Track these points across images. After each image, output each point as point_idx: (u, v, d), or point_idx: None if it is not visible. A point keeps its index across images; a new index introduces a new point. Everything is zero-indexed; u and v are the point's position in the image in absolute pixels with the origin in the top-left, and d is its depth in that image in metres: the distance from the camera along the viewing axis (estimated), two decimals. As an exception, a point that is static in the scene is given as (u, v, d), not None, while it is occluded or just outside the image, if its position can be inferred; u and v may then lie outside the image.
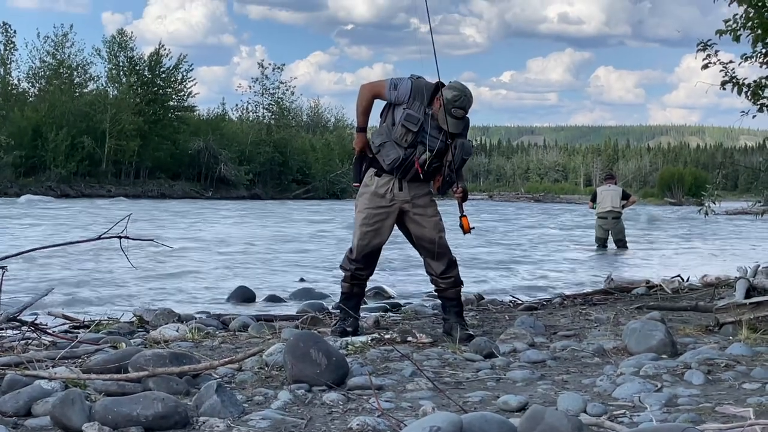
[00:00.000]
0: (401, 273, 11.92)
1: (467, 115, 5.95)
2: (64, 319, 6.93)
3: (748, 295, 6.95)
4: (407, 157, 5.92)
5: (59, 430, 3.58)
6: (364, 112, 6.11)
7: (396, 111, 5.96)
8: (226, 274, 11.96)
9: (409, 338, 5.87)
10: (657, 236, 23.58)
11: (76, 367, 4.76)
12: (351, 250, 6.18)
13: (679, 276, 10.11)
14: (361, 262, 6.10)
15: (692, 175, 69.37)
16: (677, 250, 18.95)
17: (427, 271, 6.24)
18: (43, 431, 3.61)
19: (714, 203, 9.57)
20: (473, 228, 6.16)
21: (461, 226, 6.08)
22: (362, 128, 6.19)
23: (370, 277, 6.37)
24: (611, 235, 17.16)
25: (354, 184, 6.36)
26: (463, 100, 5.84)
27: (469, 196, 6.26)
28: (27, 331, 5.84)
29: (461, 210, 6.08)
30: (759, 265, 8.76)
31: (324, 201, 53.01)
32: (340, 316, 6.30)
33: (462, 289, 6.33)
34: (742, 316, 6.14)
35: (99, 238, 5.74)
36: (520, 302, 8.59)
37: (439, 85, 5.92)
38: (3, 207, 31.46)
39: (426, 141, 5.90)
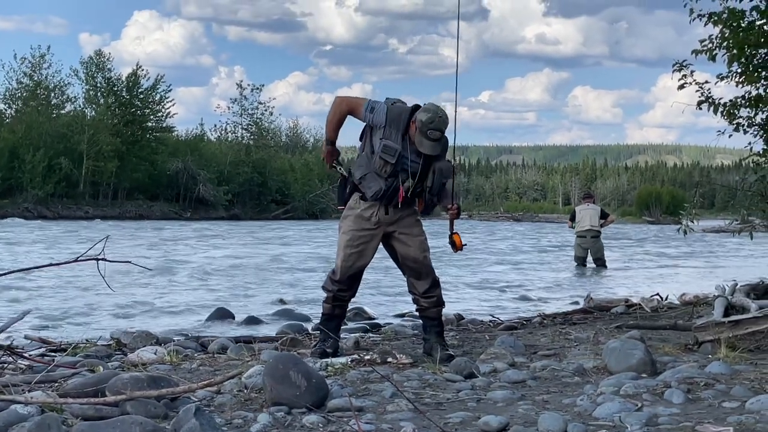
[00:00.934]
0: (383, 294, 11.90)
1: (445, 136, 5.90)
2: (41, 343, 6.86)
3: (726, 314, 6.98)
4: (389, 187, 5.91)
5: (35, 456, 3.54)
6: (337, 126, 6.05)
7: (374, 137, 5.91)
8: (205, 295, 11.90)
9: (389, 359, 5.85)
10: (635, 255, 23.67)
11: (52, 391, 4.71)
12: (334, 271, 6.16)
13: (657, 294, 10.15)
14: (345, 284, 6.08)
15: (670, 193, 69.81)
16: (656, 268, 19.03)
17: (409, 290, 6.22)
18: (19, 457, 3.56)
19: (692, 221, 9.62)
20: (465, 245, 6.17)
21: (453, 243, 6.06)
22: (332, 141, 6.12)
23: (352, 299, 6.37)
24: (590, 254, 17.22)
25: (338, 207, 6.33)
26: (437, 121, 5.76)
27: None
28: (3, 354, 5.78)
29: (452, 227, 6.07)
30: (737, 284, 8.80)
31: (303, 221, 52.94)
32: (321, 337, 6.27)
33: (443, 310, 6.32)
34: (721, 335, 6.16)
35: (76, 260, 5.68)
36: (500, 322, 8.59)
37: (415, 108, 5.89)
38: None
39: (408, 167, 5.88)
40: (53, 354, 6.38)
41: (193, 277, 14.74)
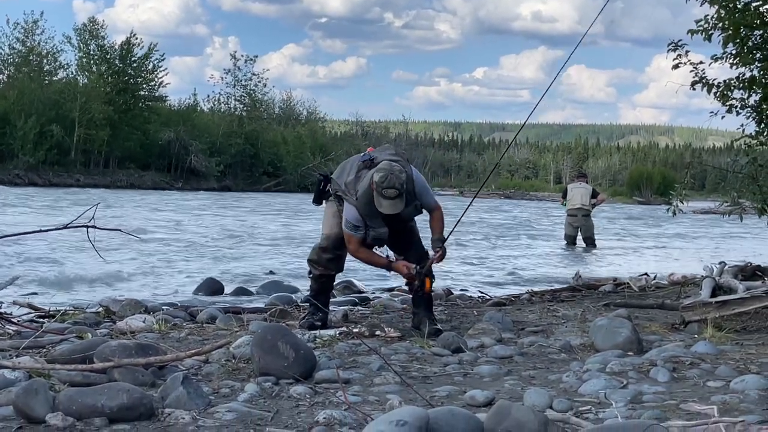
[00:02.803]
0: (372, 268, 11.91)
1: (403, 191, 5.72)
2: (29, 309, 6.86)
3: (713, 294, 7.03)
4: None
5: (22, 420, 3.55)
6: (374, 256, 6.06)
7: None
8: (195, 265, 11.90)
9: (378, 332, 5.87)
10: (625, 234, 23.74)
11: (40, 356, 4.72)
12: (321, 240, 6.18)
13: (646, 274, 10.18)
14: (331, 252, 6.10)
15: (661, 174, 69.87)
16: (644, 248, 19.09)
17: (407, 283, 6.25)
18: (6, 421, 3.57)
19: (682, 202, 9.64)
20: (432, 291, 6.23)
21: (421, 286, 6.02)
22: (389, 262, 6.10)
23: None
24: (580, 232, 17.25)
25: (313, 203, 6.37)
26: (390, 179, 5.65)
27: (440, 192, 6.27)
28: (-9, 320, 5.78)
29: (429, 269, 6.00)
30: (725, 265, 8.86)
31: (295, 194, 52.90)
32: (310, 309, 6.29)
33: (433, 284, 6.34)
34: (708, 315, 6.20)
35: (66, 227, 5.68)
36: (488, 298, 8.62)
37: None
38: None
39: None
40: (41, 320, 6.39)
41: (183, 247, 14.73)
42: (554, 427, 2.66)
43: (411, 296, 6.39)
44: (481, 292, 9.16)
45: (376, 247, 6.03)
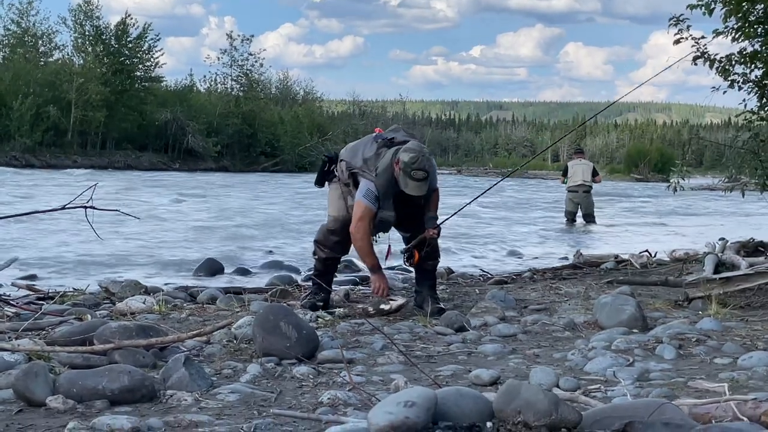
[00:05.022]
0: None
1: (429, 174, 5.72)
2: (28, 291, 6.81)
3: (716, 271, 6.99)
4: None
5: (22, 403, 3.51)
6: (370, 251, 5.97)
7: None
8: (194, 246, 11.85)
9: (383, 306, 5.83)
10: (624, 212, 23.70)
11: (39, 339, 4.67)
12: (328, 222, 6.13)
13: (647, 251, 10.14)
14: (339, 234, 6.04)
15: (658, 151, 69.73)
16: (644, 225, 19.06)
17: (406, 241, 6.19)
18: (6, 404, 3.52)
19: (683, 179, 9.60)
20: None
21: (410, 257, 6.01)
22: (378, 267, 6.04)
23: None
24: (581, 209, 17.19)
25: (315, 185, 6.32)
26: (421, 160, 5.63)
27: (438, 171, 6.20)
28: (-10, 302, 5.74)
29: (420, 244, 5.98)
30: (727, 241, 8.81)
31: (293, 174, 52.81)
32: (312, 289, 6.25)
33: (438, 264, 6.32)
34: (712, 291, 6.16)
35: (63, 207, 5.61)
36: (490, 276, 8.57)
37: (397, 151, 5.75)
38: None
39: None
40: (40, 302, 6.34)
41: (183, 227, 14.68)
42: (565, 406, 2.61)
43: (414, 276, 6.36)
44: (483, 271, 9.12)
45: (380, 234, 5.97)
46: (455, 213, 7.02)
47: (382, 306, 5.83)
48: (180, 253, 10.88)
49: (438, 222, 6.01)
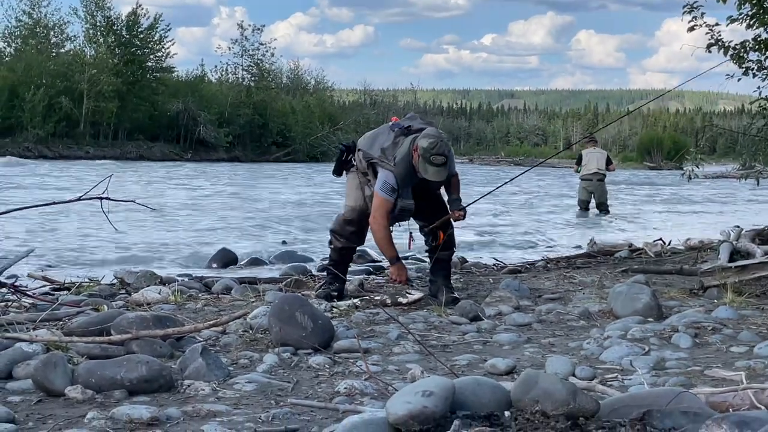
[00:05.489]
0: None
1: (448, 159, 5.74)
2: (45, 281, 6.84)
3: (731, 259, 6.97)
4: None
5: (41, 393, 3.53)
6: (390, 243, 5.95)
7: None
8: (209, 236, 11.88)
9: (400, 299, 5.83)
10: (638, 200, 23.63)
11: (57, 329, 4.70)
12: (345, 212, 6.13)
13: (661, 239, 10.12)
14: (355, 225, 6.04)
15: (671, 139, 69.45)
16: (658, 213, 19.00)
17: (422, 232, 6.20)
18: (25, 394, 3.55)
19: (697, 167, 9.56)
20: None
21: (435, 238, 6.03)
22: (397, 257, 6.05)
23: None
24: (594, 198, 17.13)
25: (333, 174, 6.32)
26: (440, 146, 5.64)
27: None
28: (7, 293, 5.77)
29: (443, 225, 6.02)
30: (742, 229, 8.79)
31: (304, 164, 52.84)
32: (326, 279, 6.26)
33: (453, 254, 6.33)
34: (727, 280, 6.14)
35: (79, 199, 5.64)
36: (503, 265, 8.57)
37: (414, 139, 5.75)
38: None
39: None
40: (57, 293, 6.37)
41: (197, 217, 14.71)
42: (583, 395, 2.62)
43: (428, 264, 6.36)
44: (496, 260, 9.11)
45: (399, 223, 5.98)
46: (482, 197, 7.02)
47: (400, 299, 5.83)
48: (194, 243, 10.91)
49: (463, 204, 6.02)
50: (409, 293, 5.90)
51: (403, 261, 8.26)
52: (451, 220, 6.02)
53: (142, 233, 11.68)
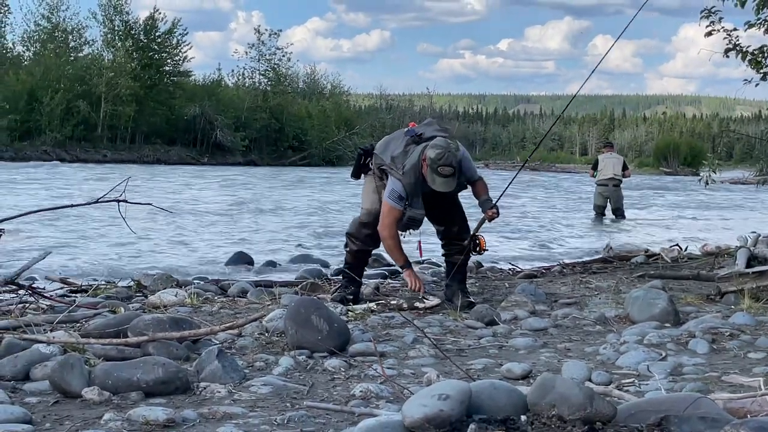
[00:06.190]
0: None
1: (457, 169, 5.68)
2: (62, 283, 6.88)
3: (749, 265, 6.92)
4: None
5: (58, 395, 3.55)
6: (399, 250, 5.96)
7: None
8: (224, 239, 11.91)
9: (417, 304, 5.83)
10: (654, 205, 23.53)
11: (74, 331, 4.72)
12: (361, 215, 6.13)
13: (677, 245, 10.07)
14: (371, 228, 6.03)
15: (688, 145, 69.11)
16: (675, 219, 18.92)
17: (439, 236, 6.19)
18: (43, 395, 3.57)
19: (715, 172, 9.52)
20: (486, 250, 6.17)
21: (477, 245, 6.01)
22: (408, 263, 6.03)
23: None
24: (610, 203, 17.06)
25: (352, 177, 6.32)
26: (447, 156, 5.59)
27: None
28: (24, 294, 5.80)
29: (479, 228, 6.04)
30: (759, 235, 8.72)
31: (320, 168, 52.90)
32: (342, 283, 6.26)
33: (469, 259, 6.32)
34: (745, 285, 6.10)
35: (97, 201, 5.68)
36: (519, 270, 8.55)
37: (425, 148, 5.72)
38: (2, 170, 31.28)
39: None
40: (74, 295, 6.40)
41: (213, 220, 14.75)
42: (600, 400, 2.61)
43: (444, 268, 6.35)
44: (512, 265, 9.09)
45: (410, 231, 5.97)
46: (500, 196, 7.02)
47: (417, 304, 5.83)
48: (210, 247, 10.94)
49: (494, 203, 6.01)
50: (426, 299, 5.90)
51: (418, 266, 8.28)
52: (486, 218, 6.00)
53: (158, 235, 11.71)
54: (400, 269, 6.23)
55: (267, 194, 23.67)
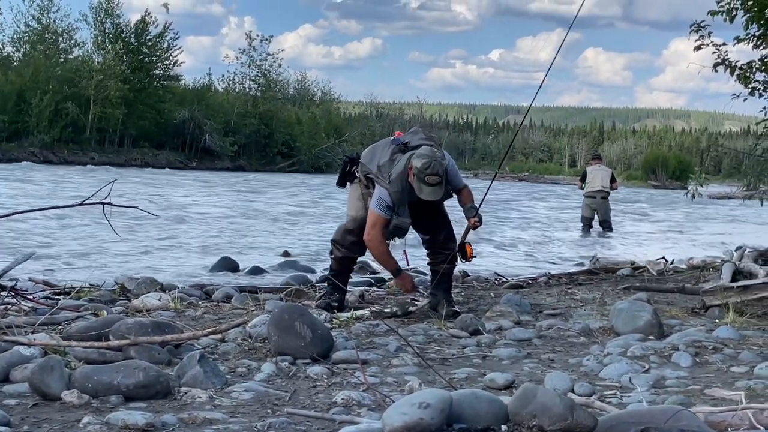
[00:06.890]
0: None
1: (444, 178, 5.69)
2: (45, 286, 6.84)
3: (734, 279, 6.94)
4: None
5: (38, 397, 3.52)
6: (388, 256, 5.97)
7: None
8: (210, 244, 11.88)
9: (410, 308, 5.82)
10: (641, 219, 23.60)
11: (56, 333, 4.69)
12: (347, 222, 6.12)
13: (663, 258, 10.10)
14: (356, 235, 6.02)
15: (676, 158, 69.39)
16: (661, 232, 18.97)
17: (425, 245, 6.19)
18: (21, 397, 3.54)
19: (701, 186, 9.56)
20: (474, 257, 6.19)
21: (464, 253, 6.04)
22: (399, 269, 6.06)
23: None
24: (597, 215, 17.09)
25: (337, 185, 6.32)
26: (434, 165, 5.59)
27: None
28: (6, 296, 5.76)
29: (466, 236, 6.06)
30: (745, 249, 8.76)
31: (309, 174, 52.87)
32: (327, 290, 6.25)
33: (455, 268, 6.32)
34: (729, 300, 6.11)
35: (82, 203, 5.64)
36: (505, 280, 8.54)
37: (411, 157, 5.71)
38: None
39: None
40: (57, 297, 6.36)
41: (198, 225, 14.71)
42: (580, 411, 2.60)
43: (429, 277, 6.34)
44: (498, 275, 9.09)
45: (396, 239, 5.97)
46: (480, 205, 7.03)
47: (409, 308, 5.82)
48: (196, 251, 10.91)
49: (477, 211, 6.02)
50: (416, 301, 5.90)
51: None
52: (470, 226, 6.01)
53: (143, 239, 11.67)
54: (392, 275, 6.22)
55: (255, 200, 23.64)
